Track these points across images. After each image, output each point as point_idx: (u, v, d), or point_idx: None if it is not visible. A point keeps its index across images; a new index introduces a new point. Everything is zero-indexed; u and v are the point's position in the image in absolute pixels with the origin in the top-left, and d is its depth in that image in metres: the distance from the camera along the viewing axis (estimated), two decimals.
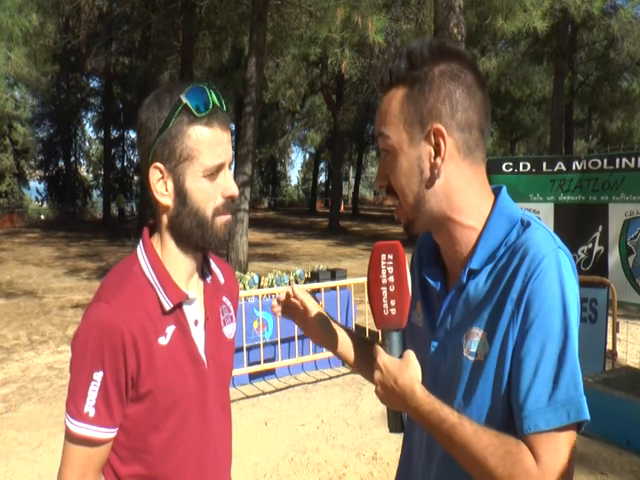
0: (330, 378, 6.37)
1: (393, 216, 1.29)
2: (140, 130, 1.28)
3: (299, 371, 6.51)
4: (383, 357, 1.17)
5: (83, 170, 45.07)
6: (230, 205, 1.31)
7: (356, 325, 7.16)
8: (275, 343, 6.09)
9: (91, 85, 36.40)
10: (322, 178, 55.63)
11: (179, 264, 1.34)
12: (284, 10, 14.90)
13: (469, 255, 1.18)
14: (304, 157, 59.50)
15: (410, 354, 1.16)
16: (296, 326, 1.55)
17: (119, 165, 40.84)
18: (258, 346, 5.92)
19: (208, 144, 1.25)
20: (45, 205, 41.32)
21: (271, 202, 49.16)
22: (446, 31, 7.96)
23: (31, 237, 23.09)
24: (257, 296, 6.02)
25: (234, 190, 1.30)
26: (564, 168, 5.94)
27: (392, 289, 1.18)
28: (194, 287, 1.38)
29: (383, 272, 1.19)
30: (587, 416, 1.05)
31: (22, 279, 13.53)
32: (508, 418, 1.10)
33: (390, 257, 1.19)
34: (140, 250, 1.33)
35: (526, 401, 1.06)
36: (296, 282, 6.55)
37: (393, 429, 1.25)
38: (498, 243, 1.14)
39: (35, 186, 43.05)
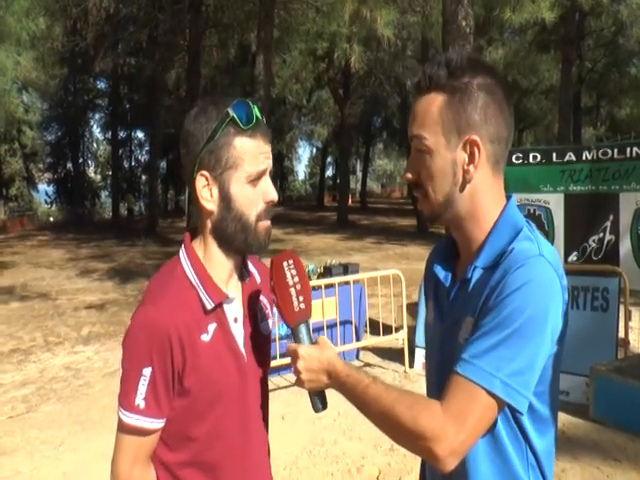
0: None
1: (400, 209, 1.39)
2: (187, 139, 1.36)
3: None
4: (302, 347, 1.34)
5: (91, 171, 45.15)
6: (270, 210, 1.41)
7: (370, 319, 7.20)
8: (290, 338, 6.13)
9: (98, 87, 36.46)
10: (329, 172, 55.52)
11: (220, 266, 1.42)
12: (291, 6, 14.94)
13: (476, 254, 1.29)
14: (311, 151, 59.34)
15: (323, 338, 1.37)
16: (310, 321, 1.64)
17: (127, 165, 40.89)
18: (274, 341, 5.96)
19: (251, 154, 1.34)
20: (54, 207, 41.45)
21: (279, 197, 48.99)
22: (454, 24, 7.94)
23: (42, 240, 23.20)
24: None
25: (274, 195, 1.40)
26: (574, 158, 5.94)
27: (299, 287, 1.39)
28: (233, 287, 1.46)
29: (288, 275, 1.38)
30: (519, 407, 1.16)
31: (35, 282, 13.64)
32: None
33: (291, 262, 1.39)
34: (182, 254, 1.42)
35: (465, 351, 1.18)
36: (309, 278, 6.58)
37: (318, 409, 1.39)
38: (502, 248, 1.25)
39: (44, 189, 43.21)
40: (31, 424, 5.38)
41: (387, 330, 6.72)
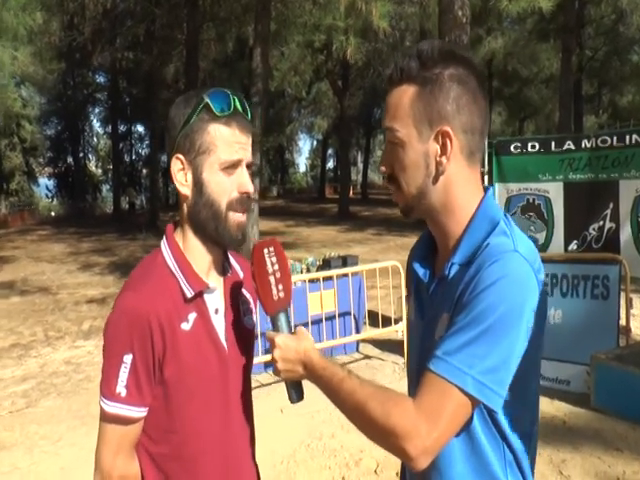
0: (345, 364, 6.40)
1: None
2: (168, 125, 1.39)
3: None
4: (280, 336, 1.34)
5: (92, 165, 45.16)
6: (245, 201, 1.40)
7: (369, 311, 7.19)
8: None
9: (97, 81, 36.41)
10: (330, 164, 55.48)
11: (199, 256, 1.43)
12: None
13: (453, 249, 1.27)
14: (311, 144, 59.40)
15: (301, 329, 1.35)
16: (309, 313, 1.62)
17: (127, 159, 40.87)
18: None
19: (225, 141, 1.35)
20: (55, 202, 41.44)
21: (280, 190, 49.01)
22: (451, 14, 7.90)
23: (42, 234, 23.22)
24: None
25: (249, 187, 1.39)
26: (573, 147, 5.91)
27: (278, 275, 1.38)
28: (214, 278, 1.47)
29: (268, 263, 1.38)
30: (492, 405, 1.13)
31: (36, 276, 13.65)
32: None
33: (271, 249, 1.39)
34: (164, 243, 1.44)
35: (438, 347, 1.15)
36: (308, 270, 6.57)
37: (293, 400, 1.38)
38: (479, 243, 1.22)
39: (45, 183, 43.22)
40: (31, 419, 5.38)
41: (386, 322, 6.70)
